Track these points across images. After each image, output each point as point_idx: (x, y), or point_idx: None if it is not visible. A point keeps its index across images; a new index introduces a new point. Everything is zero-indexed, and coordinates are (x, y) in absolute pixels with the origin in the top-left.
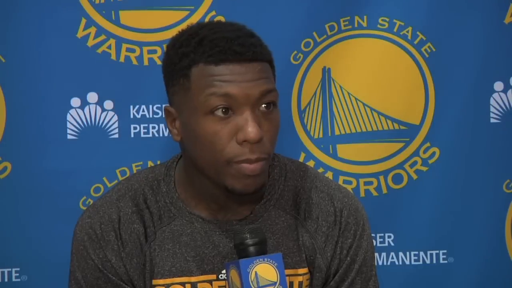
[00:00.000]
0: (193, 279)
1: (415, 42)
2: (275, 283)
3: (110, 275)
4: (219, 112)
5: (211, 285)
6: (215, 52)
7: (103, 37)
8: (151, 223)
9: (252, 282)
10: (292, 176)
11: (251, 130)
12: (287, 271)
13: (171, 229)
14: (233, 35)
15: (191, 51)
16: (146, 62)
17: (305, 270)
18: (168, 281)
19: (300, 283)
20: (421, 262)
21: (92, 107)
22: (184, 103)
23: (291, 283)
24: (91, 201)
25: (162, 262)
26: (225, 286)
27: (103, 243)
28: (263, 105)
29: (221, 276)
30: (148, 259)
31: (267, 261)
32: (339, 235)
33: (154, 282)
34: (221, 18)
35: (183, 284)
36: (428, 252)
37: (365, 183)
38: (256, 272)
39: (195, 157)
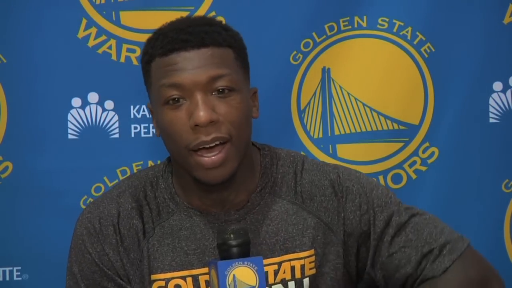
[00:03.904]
0: (195, 271)
1: (415, 42)
2: (253, 287)
3: (106, 269)
4: (172, 101)
5: None
6: (165, 43)
7: (103, 37)
8: (150, 219)
9: (229, 285)
10: (283, 163)
11: (201, 113)
12: (287, 256)
13: (170, 224)
14: (184, 25)
15: (151, 47)
16: None
17: (307, 252)
18: (168, 275)
19: (302, 266)
20: None
21: (93, 107)
22: (152, 99)
23: (293, 267)
24: (92, 201)
25: (162, 257)
26: None
27: (101, 237)
28: (217, 90)
29: None
30: (145, 255)
31: (247, 264)
32: (345, 201)
33: (154, 277)
34: (221, 18)
35: (184, 277)
36: None
37: None
38: (234, 275)
39: (168, 150)
